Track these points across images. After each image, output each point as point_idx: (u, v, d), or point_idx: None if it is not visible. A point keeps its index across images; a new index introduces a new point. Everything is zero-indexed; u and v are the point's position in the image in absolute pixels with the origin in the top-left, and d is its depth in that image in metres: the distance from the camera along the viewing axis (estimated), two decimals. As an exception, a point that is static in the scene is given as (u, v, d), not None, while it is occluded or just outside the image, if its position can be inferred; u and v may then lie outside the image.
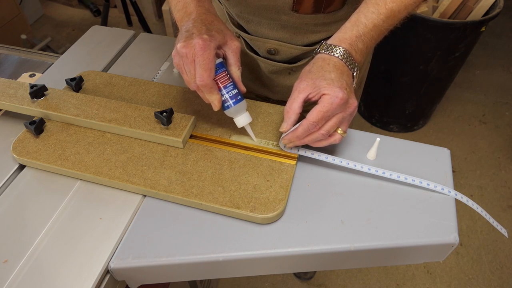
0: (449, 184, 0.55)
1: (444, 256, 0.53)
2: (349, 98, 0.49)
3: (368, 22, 0.51)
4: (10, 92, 0.63)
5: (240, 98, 0.54)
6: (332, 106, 0.48)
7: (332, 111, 0.48)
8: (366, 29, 0.51)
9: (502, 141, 1.81)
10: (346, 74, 0.50)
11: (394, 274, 1.38)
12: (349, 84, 0.49)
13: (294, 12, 0.60)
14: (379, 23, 0.51)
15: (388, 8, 0.51)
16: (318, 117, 0.48)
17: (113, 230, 0.50)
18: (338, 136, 0.51)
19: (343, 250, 0.49)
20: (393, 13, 0.51)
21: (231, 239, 0.49)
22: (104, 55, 0.79)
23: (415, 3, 0.52)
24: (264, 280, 1.35)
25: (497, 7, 1.39)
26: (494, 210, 1.55)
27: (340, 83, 0.48)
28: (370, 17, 0.51)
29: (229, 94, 0.53)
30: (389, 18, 0.51)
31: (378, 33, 0.51)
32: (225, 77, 0.53)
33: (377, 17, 0.51)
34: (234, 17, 0.69)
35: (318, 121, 0.48)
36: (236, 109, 0.54)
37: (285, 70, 0.71)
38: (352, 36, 0.51)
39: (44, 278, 0.46)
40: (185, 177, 0.54)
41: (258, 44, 0.68)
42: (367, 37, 0.51)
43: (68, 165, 0.55)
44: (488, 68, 2.18)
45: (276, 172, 0.54)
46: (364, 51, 0.52)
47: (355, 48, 0.51)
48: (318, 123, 0.49)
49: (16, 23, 2.03)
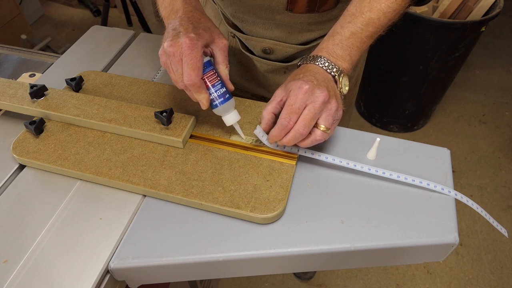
0: (449, 184, 0.55)
1: (444, 256, 0.53)
2: (316, 88, 0.48)
3: (344, 31, 0.52)
4: (10, 92, 0.63)
5: (228, 96, 0.54)
6: (297, 97, 0.48)
7: (299, 103, 0.48)
8: (342, 37, 0.52)
9: (502, 141, 1.81)
10: (320, 73, 0.51)
11: (394, 274, 1.38)
12: (321, 80, 0.50)
13: (288, 11, 0.60)
14: (356, 31, 0.52)
15: (365, 17, 0.52)
16: (286, 111, 0.49)
17: (113, 230, 0.50)
18: (318, 132, 0.50)
19: (343, 250, 0.49)
20: (372, 21, 0.52)
21: (231, 239, 0.49)
22: (104, 55, 0.79)
23: (395, 11, 0.53)
24: (264, 280, 1.35)
25: (497, 7, 1.39)
26: (494, 210, 1.55)
27: (307, 78, 0.49)
28: (346, 26, 0.53)
29: (217, 92, 0.53)
30: (369, 26, 0.52)
31: (359, 40, 0.52)
32: (213, 76, 0.53)
33: (353, 25, 0.52)
34: (228, 17, 0.69)
35: (288, 114, 0.49)
36: (225, 108, 0.54)
37: (281, 69, 0.71)
38: (329, 45, 0.53)
39: (44, 278, 0.46)
40: (185, 177, 0.54)
41: (253, 44, 0.69)
42: (346, 43, 0.52)
43: (68, 165, 0.55)
44: (488, 68, 2.18)
45: (276, 172, 0.54)
46: (346, 57, 0.52)
47: (334, 55, 0.52)
48: (289, 117, 0.49)
49: (16, 23, 2.03)
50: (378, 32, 0.54)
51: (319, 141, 0.51)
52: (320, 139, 0.51)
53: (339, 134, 0.61)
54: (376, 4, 0.52)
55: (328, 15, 0.63)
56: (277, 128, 0.51)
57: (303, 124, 0.49)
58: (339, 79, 0.52)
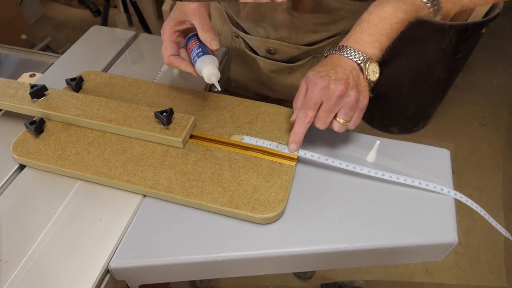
0: (449, 185, 0.55)
1: (443, 256, 0.53)
2: (331, 83, 0.49)
3: (371, 18, 0.51)
4: (10, 92, 0.63)
5: (202, 53, 0.56)
6: (313, 93, 0.50)
7: (315, 99, 0.50)
8: (370, 24, 0.51)
9: (501, 143, 1.81)
10: (342, 65, 0.50)
11: (393, 273, 1.38)
12: (340, 73, 0.49)
13: (293, 11, 0.60)
14: (385, 17, 0.50)
15: (393, 2, 0.50)
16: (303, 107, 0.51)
17: (113, 230, 0.50)
18: (336, 124, 0.52)
19: (342, 250, 0.49)
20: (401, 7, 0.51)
21: (231, 239, 0.49)
22: (104, 55, 0.79)
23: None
24: (264, 280, 1.36)
25: (497, 8, 1.40)
26: (494, 211, 1.55)
27: (325, 72, 0.49)
28: (374, 12, 0.51)
29: (194, 53, 0.57)
30: (398, 11, 0.51)
31: (388, 26, 0.51)
32: (193, 43, 0.58)
33: (381, 11, 0.51)
34: (232, 16, 0.69)
35: (305, 110, 0.51)
36: (200, 64, 0.56)
37: (285, 69, 0.71)
38: (356, 33, 0.51)
39: (44, 278, 0.46)
40: (185, 177, 0.54)
41: (257, 44, 0.68)
42: (374, 30, 0.51)
43: (68, 165, 0.55)
44: (488, 70, 2.18)
45: (276, 173, 0.54)
46: (375, 43, 0.51)
47: (361, 42, 0.51)
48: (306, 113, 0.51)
49: (16, 23, 2.03)
50: (408, 19, 0.52)
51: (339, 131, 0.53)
52: (339, 131, 0.52)
53: (339, 136, 0.61)
54: None
55: (334, 16, 0.62)
56: (297, 124, 0.54)
57: (319, 122, 0.52)
58: (365, 67, 0.51)
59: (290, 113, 0.63)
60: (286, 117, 0.62)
